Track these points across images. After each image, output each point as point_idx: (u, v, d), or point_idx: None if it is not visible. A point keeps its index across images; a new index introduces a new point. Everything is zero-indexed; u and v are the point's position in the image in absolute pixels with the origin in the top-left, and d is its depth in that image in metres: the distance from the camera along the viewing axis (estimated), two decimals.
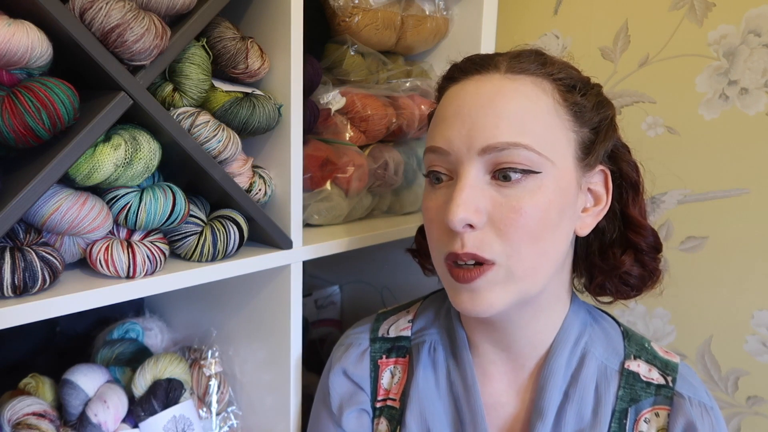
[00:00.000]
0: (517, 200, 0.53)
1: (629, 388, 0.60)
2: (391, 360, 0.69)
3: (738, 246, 0.86)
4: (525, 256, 0.54)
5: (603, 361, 0.61)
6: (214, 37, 0.65)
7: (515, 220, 0.53)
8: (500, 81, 0.56)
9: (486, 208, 0.54)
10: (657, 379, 0.60)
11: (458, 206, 0.53)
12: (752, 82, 0.82)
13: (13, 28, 0.50)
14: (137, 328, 0.87)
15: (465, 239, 0.54)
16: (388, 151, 0.90)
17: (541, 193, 0.54)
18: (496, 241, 0.54)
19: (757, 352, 0.87)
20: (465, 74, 0.59)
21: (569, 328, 0.62)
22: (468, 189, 0.54)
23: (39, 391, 0.74)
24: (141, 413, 0.72)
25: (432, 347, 0.67)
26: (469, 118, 0.55)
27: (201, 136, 0.62)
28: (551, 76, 0.57)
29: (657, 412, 0.59)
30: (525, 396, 0.62)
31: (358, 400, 0.68)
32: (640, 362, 0.62)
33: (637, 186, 0.62)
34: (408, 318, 0.72)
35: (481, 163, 0.54)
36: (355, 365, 0.69)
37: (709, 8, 0.85)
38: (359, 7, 0.83)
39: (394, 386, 0.68)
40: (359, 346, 0.71)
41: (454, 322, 0.67)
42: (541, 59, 0.58)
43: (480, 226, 0.54)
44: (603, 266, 0.63)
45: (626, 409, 0.59)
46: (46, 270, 0.54)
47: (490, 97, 0.55)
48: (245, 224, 0.69)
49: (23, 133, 0.51)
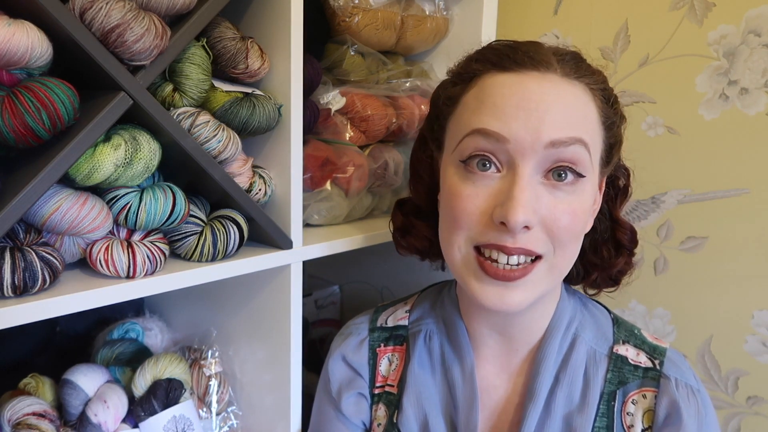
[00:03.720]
0: (569, 204, 0.55)
1: (617, 371, 0.62)
2: (389, 348, 0.71)
3: (738, 246, 0.86)
4: (568, 254, 0.57)
5: (592, 346, 0.63)
6: (214, 37, 0.65)
7: (566, 222, 0.55)
8: (560, 82, 0.56)
9: (539, 208, 0.54)
10: (645, 363, 0.62)
11: (521, 206, 0.52)
12: (752, 82, 0.82)
13: (13, 28, 0.50)
14: (137, 328, 0.86)
15: (517, 237, 0.54)
16: (388, 151, 0.90)
17: (585, 197, 0.56)
18: (545, 239, 0.55)
19: (757, 352, 0.87)
20: (520, 66, 0.56)
21: (562, 315, 0.64)
22: (529, 189, 0.54)
23: (39, 391, 0.74)
24: (141, 413, 0.72)
25: (428, 336, 0.69)
26: (536, 112, 0.54)
27: (201, 136, 0.62)
28: (596, 85, 0.58)
29: (644, 394, 0.60)
30: (518, 379, 0.64)
31: (357, 385, 0.70)
32: (628, 346, 0.64)
33: (627, 190, 0.66)
34: (405, 309, 0.74)
35: (540, 158, 0.54)
36: (354, 352, 0.72)
37: (709, 8, 0.85)
38: (359, 7, 0.83)
39: (391, 373, 0.70)
40: (358, 335, 0.73)
41: (451, 310, 0.68)
42: (588, 67, 0.59)
43: (534, 227, 0.54)
44: (599, 263, 0.66)
45: (614, 391, 0.61)
46: (46, 270, 0.54)
47: (557, 95, 0.55)
48: (245, 224, 0.69)
49: (23, 133, 0.51)
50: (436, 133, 0.64)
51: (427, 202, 0.69)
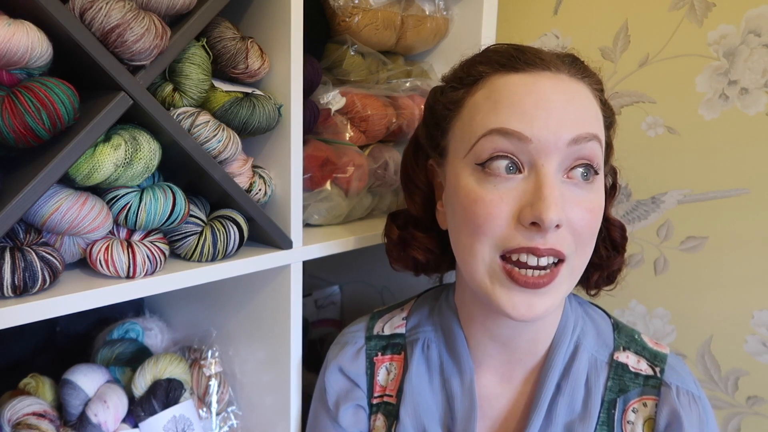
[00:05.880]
0: (590, 201, 0.55)
1: (618, 379, 0.61)
2: (386, 357, 0.70)
3: (738, 246, 0.86)
4: (585, 255, 0.57)
5: (593, 353, 0.63)
6: (214, 37, 0.65)
7: (589, 220, 0.55)
8: (570, 81, 0.56)
9: (565, 207, 0.54)
10: (645, 370, 0.62)
11: (554, 205, 0.52)
12: (752, 82, 0.82)
13: (13, 28, 0.50)
14: (137, 328, 0.87)
15: (548, 237, 0.54)
16: (388, 151, 0.90)
17: (600, 194, 0.57)
18: (570, 240, 0.55)
19: (757, 352, 0.87)
20: (532, 66, 0.56)
21: (567, 324, 0.63)
22: (557, 187, 0.54)
23: (39, 391, 0.74)
24: (141, 413, 0.72)
25: (425, 344, 0.68)
26: (556, 111, 0.54)
27: (201, 136, 0.62)
28: (596, 86, 0.59)
29: (645, 402, 0.60)
30: (522, 389, 0.63)
31: (354, 396, 0.69)
32: (629, 353, 0.63)
33: (616, 188, 0.67)
34: (402, 315, 0.73)
35: (562, 157, 0.54)
36: (351, 362, 0.70)
37: (709, 8, 0.85)
38: (359, 7, 0.83)
39: (390, 382, 0.69)
40: (355, 344, 0.72)
41: (450, 318, 0.67)
42: (588, 68, 0.60)
43: (563, 225, 0.54)
44: (597, 262, 0.66)
45: (615, 399, 0.61)
46: (46, 270, 0.54)
47: (571, 94, 0.55)
48: (245, 224, 0.69)
49: (23, 133, 0.51)
50: (435, 139, 0.63)
51: (424, 212, 0.68)
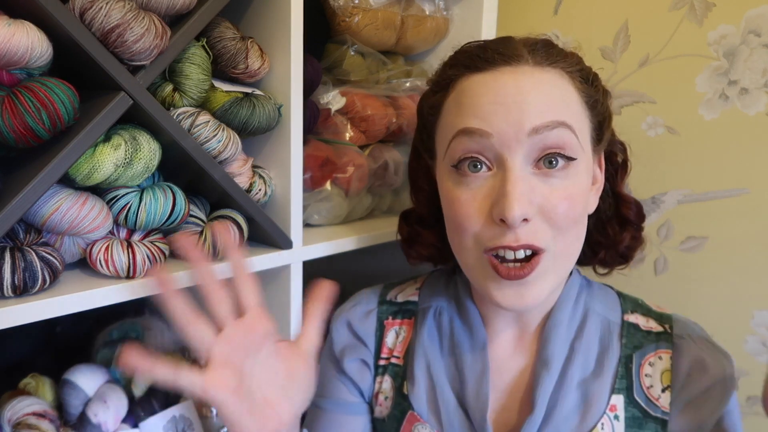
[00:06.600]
0: (564, 189, 0.55)
1: (631, 337, 0.64)
2: (396, 321, 0.72)
3: (738, 246, 0.86)
4: (569, 240, 0.57)
5: (605, 316, 0.65)
6: (214, 37, 0.65)
7: (564, 208, 0.55)
8: (532, 72, 0.56)
9: (534, 199, 0.55)
10: (655, 328, 0.64)
11: (516, 200, 0.53)
12: (752, 82, 0.82)
13: (13, 28, 0.50)
14: (137, 328, 0.86)
15: (519, 232, 0.54)
16: (388, 151, 0.90)
17: (579, 180, 0.56)
18: (546, 229, 0.55)
19: (757, 352, 0.87)
20: (491, 64, 0.57)
21: (571, 287, 0.64)
22: (521, 181, 0.54)
23: (39, 391, 0.74)
24: (141, 413, 0.72)
25: (437, 311, 0.70)
26: (515, 104, 0.54)
27: (201, 136, 0.62)
28: (571, 68, 0.59)
29: (660, 356, 0.62)
30: (530, 351, 0.65)
31: (360, 352, 0.71)
32: (637, 315, 0.66)
33: (626, 164, 0.67)
34: (416, 287, 0.75)
35: (526, 148, 0.54)
36: (361, 321, 0.72)
37: (709, 8, 0.85)
38: (359, 7, 0.83)
39: (398, 345, 0.70)
40: (367, 305, 0.74)
41: (464, 292, 0.68)
42: (560, 51, 0.60)
43: (532, 218, 0.55)
44: (604, 242, 0.67)
45: (631, 354, 0.63)
46: (46, 270, 0.54)
47: (531, 85, 0.55)
48: (245, 224, 0.69)
49: (23, 133, 0.51)
50: (426, 143, 0.65)
51: (429, 210, 0.70)
